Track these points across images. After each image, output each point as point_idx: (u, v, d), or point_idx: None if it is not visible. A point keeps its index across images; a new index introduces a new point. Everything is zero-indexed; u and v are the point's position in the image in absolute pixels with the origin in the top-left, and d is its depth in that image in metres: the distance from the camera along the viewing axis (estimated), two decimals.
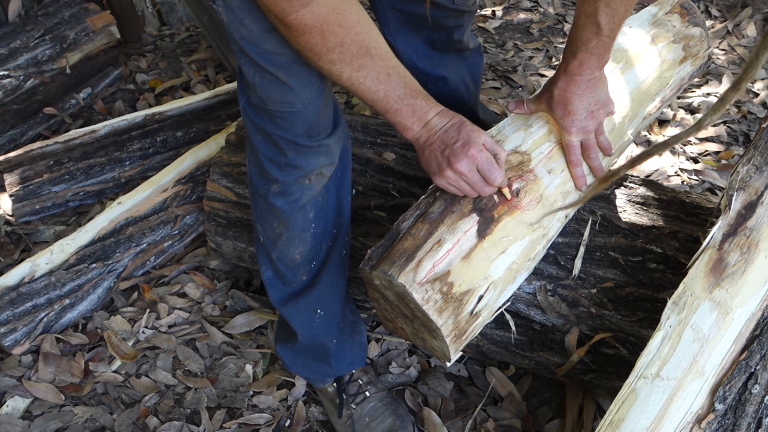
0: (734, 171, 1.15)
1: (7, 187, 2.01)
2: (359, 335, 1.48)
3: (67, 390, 1.59)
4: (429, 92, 1.36)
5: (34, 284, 1.67)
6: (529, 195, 1.14)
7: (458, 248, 1.08)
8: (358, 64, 1.00)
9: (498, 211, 1.12)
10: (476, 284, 1.09)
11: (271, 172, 1.21)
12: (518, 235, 1.13)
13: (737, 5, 2.90)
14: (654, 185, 1.44)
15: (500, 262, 1.11)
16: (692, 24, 1.45)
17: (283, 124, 1.14)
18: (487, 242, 1.10)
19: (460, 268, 1.07)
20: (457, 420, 1.47)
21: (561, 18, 2.98)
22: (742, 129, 2.26)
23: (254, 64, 1.06)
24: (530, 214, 1.14)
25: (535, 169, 1.16)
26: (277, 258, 1.31)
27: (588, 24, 1.07)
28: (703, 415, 0.95)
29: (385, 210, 1.51)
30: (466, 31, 1.64)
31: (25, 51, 2.26)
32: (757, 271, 1.04)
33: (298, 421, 1.50)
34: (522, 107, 1.22)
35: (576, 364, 1.35)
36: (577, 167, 1.20)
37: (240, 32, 1.03)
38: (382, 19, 1.55)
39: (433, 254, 1.06)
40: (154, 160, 2.12)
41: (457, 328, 1.08)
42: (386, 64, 1.02)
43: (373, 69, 1.01)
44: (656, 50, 1.39)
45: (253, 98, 1.14)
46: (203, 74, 2.69)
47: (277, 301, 1.38)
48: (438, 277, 1.05)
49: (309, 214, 1.26)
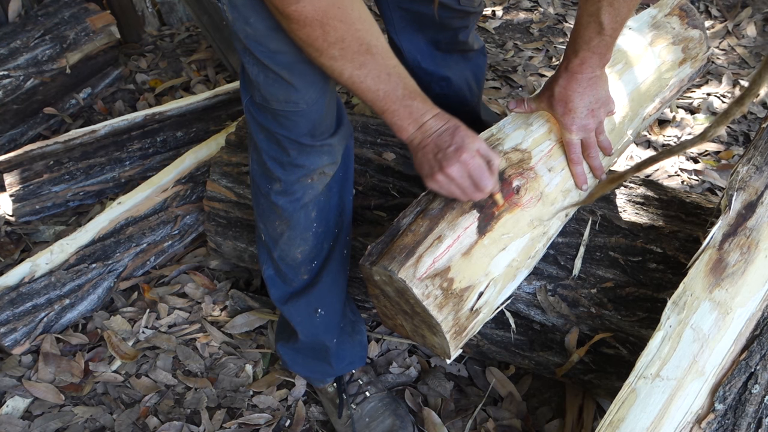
0: (734, 171, 1.15)
1: (7, 187, 2.01)
2: (359, 335, 1.48)
3: (67, 390, 1.59)
4: (432, 93, 1.36)
5: (34, 284, 1.67)
6: (529, 192, 1.14)
7: (458, 244, 1.08)
8: (359, 62, 0.99)
9: (499, 208, 1.12)
10: (476, 281, 1.09)
11: (274, 171, 1.21)
12: (518, 233, 1.13)
13: (737, 5, 2.90)
14: (654, 185, 1.44)
15: (500, 259, 1.11)
16: (691, 26, 1.46)
17: (286, 123, 1.14)
18: (488, 239, 1.10)
19: (460, 265, 1.07)
20: (457, 420, 1.47)
21: (561, 18, 2.98)
22: (742, 129, 2.27)
23: (258, 62, 1.06)
24: (530, 212, 1.14)
25: (536, 166, 1.17)
26: (278, 257, 1.31)
27: (590, 23, 1.07)
28: (703, 415, 0.95)
29: (385, 210, 1.51)
30: (471, 32, 1.64)
31: (25, 51, 2.26)
32: (757, 271, 1.04)
33: (298, 421, 1.50)
34: (522, 106, 1.23)
35: (576, 364, 1.35)
36: (577, 165, 1.20)
37: (245, 31, 1.03)
38: (387, 18, 1.55)
39: (434, 250, 1.06)
40: (154, 160, 2.12)
41: (457, 324, 1.08)
42: (387, 64, 1.02)
43: (374, 67, 1.01)
44: (656, 52, 1.39)
45: (257, 97, 1.14)
46: (203, 74, 2.69)
47: (278, 299, 1.38)
48: (438, 273, 1.05)
49: (311, 214, 1.26)
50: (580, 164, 1.20)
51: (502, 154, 1.16)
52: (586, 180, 1.22)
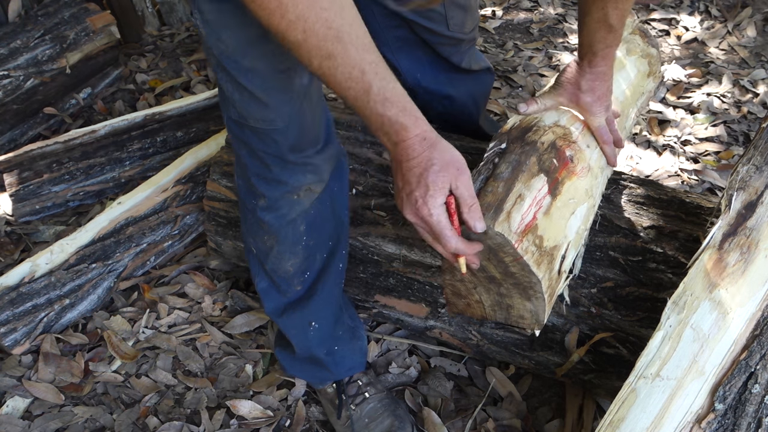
0: (734, 171, 1.15)
1: (7, 187, 2.01)
2: (359, 341, 1.47)
3: (67, 390, 1.59)
4: (434, 111, 1.33)
5: (34, 284, 1.67)
6: (581, 162, 1.16)
7: (538, 204, 1.06)
8: (326, 51, 0.85)
9: (560, 173, 1.12)
10: (560, 241, 1.07)
11: (258, 187, 1.18)
12: (580, 200, 1.14)
13: (737, 5, 2.90)
14: (654, 185, 1.44)
15: (573, 223, 1.11)
16: (651, 45, 1.53)
17: (266, 139, 1.11)
18: (560, 201, 1.09)
19: (544, 223, 1.05)
20: (457, 420, 1.47)
21: (561, 18, 2.98)
22: (742, 129, 2.27)
23: (232, 80, 1.04)
24: (584, 182, 1.15)
25: (578, 141, 1.19)
26: (270, 269, 1.30)
27: (600, 27, 1.11)
28: (703, 414, 0.95)
29: (385, 210, 1.51)
30: (465, 56, 1.60)
31: (25, 51, 2.26)
32: (757, 271, 1.04)
33: (298, 421, 1.50)
34: (535, 105, 1.22)
35: (576, 364, 1.35)
36: (609, 145, 1.23)
37: (218, 47, 1.01)
38: (381, 38, 1.49)
39: (519, 207, 1.03)
40: (154, 160, 2.12)
41: (550, 286, 1.05)
42: (361, 58, 0.87)
43: (344, 60, 0.86)
44: (632, 61, 1.45)
45: (233, 114, 1.11)
46: (203, 74, 2.70)
47: (273, 312, 1.36)
48: (530, 229, 1.02)
49: (299, 228, 1.23)
50: (611, 143, 1.24)
51: (546, 128, 1.17)
52: (616, 161, 1.26)
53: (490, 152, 1.12)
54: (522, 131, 1.16)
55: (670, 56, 2.65)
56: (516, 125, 1.18)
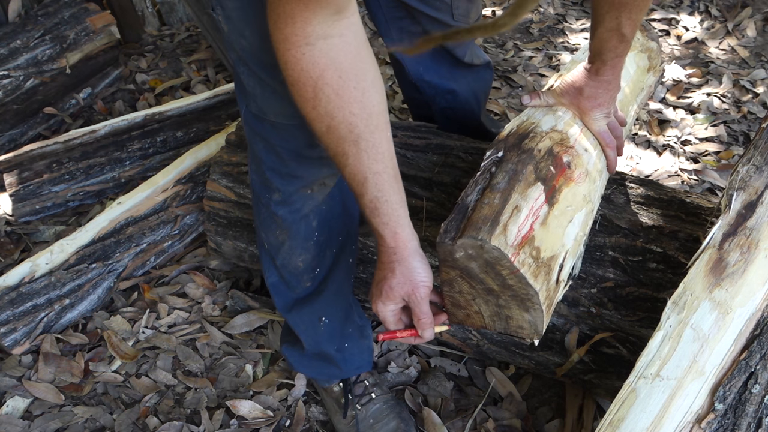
0: (734, 171, 1.15)
1: (7, 187, 2.01)
2: (367, 339, 1.47)
3: (67, 390, 1.59)
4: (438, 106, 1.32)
5: (34, 284, 1.67)
6: (578, 168, 1.15)
7: (535, 214, 1.06)
8: (342, 149, 0.93)
9: (557, 181, 1.12)
10: (557, 251, 1.07)
11: (273, 181, 1.19)
12: (578, 206, 1.13)
13: (737, 5, 2.90)
14: (654, 185, 1.44)
15: (570, 231, 1.11)
16: (650, 39, 1.52)
17: (284, 134, 1.12)
18: (557, 210, 1.09)
19: (541, 234, 1.05)
20: (457, 420, 1.47)
21: (561, 18, 2.98)
22: (742, 129, 2.27)
23: (254, 75, 1.05)
24: (582, 187, 1.15)
25: (575, 145, 1.19)
26: (281, 264, 1.30)
27: (612, 37, 1.11)
28: (703, 414, 0.95)
29: None
30: (468, 49, 1.61)
31: (25, 51, 2.26)
32: (757, 271, 1.04)
33: (298, 421, 1.50)
34: (538, 99, 1.23)
35: (576, 364, 1.35)
36: (612, 149, 1.24)
37: (240, 43, 1.02)
38: (384, 32, 1.49)
39: (515, 219, 1.03)
40: (154, 160, 2.12)
41: (548, 297, 1.05)
42: (369, 167, 0.94)
43: (354, 161, 0.93)
44: (632, 57, 1.45)
45: (253, 108, 1.11)
46: (203, 74, 2.70)
47: (283, 308, 1.36)
48: (526, 241, 1.02)
49: (312, 223, 1.25)
50: (614, 147, 1.24)
51: (543, 134, 1.17)
52: (617, 164, 1.26)
53: (487, 161, 1.13)
54: (519, 138, 1.16)
55: (670, 56, 2.65)
56: (513, 132, 1.18)
